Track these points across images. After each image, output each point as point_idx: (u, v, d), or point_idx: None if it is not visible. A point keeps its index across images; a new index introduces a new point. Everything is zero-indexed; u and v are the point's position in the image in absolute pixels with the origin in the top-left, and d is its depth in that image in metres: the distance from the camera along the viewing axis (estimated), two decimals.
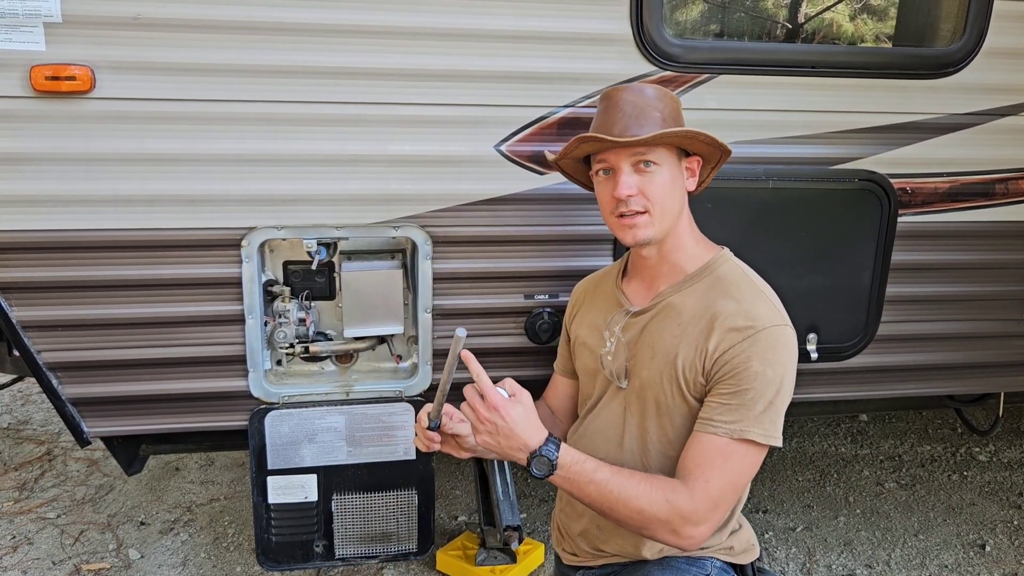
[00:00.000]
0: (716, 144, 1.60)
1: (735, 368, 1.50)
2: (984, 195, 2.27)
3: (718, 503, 1.50)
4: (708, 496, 1.49)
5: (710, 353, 1.53)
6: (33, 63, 1.79)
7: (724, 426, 1.49)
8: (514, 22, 1.95)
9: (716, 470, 1.49)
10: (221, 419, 2.16)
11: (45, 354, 2.00)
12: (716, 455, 1.50)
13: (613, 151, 1.58)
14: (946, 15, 2.24)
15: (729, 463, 1.49)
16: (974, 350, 2.44)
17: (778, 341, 1.51)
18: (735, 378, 1.50)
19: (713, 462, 1.50)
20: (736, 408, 1.49)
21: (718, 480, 1.49)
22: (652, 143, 1.54)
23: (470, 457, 1.74)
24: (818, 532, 3.13)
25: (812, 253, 2.22)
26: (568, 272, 2.11)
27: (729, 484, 1.51)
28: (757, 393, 1.48)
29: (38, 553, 2.92)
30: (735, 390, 1.50)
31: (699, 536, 1.50)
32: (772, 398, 1.49)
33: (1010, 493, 3.45)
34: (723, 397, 1.51)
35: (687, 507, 1.48)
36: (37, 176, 1.87)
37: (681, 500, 1.48)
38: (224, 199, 1.96)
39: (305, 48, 1.89)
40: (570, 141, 1.62)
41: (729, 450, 1.49)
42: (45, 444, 3.83)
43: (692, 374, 1.55)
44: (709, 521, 1.50)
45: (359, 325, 2.13)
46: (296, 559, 2.24)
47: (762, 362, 1.49)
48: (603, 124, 1.60)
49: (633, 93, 1.61)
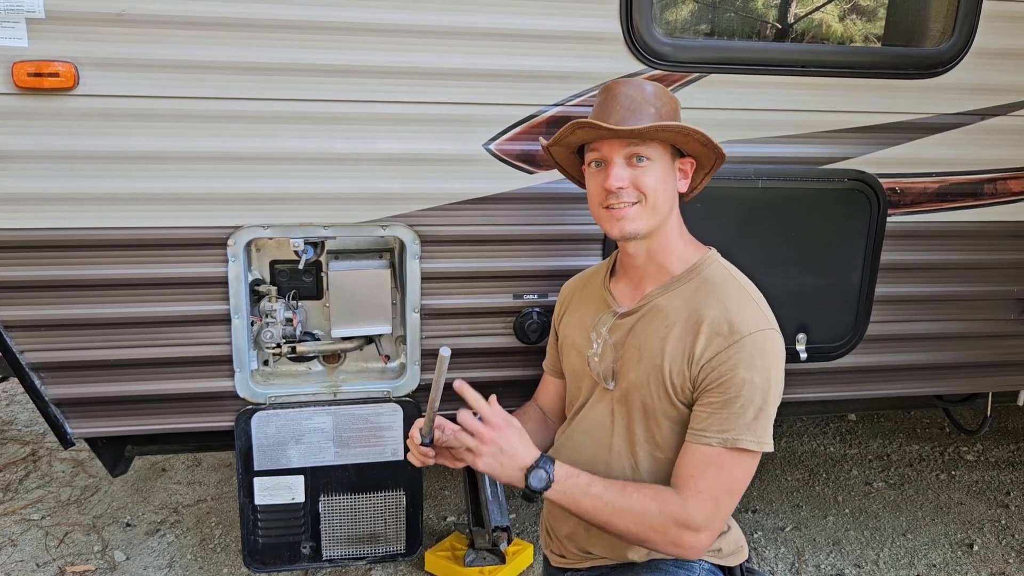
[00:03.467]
0: (711, 145, 1.59)
1: (722, 376, 1.49)
2: (973, 195, 2.28)
3: (715, 511, 1.50)
4: (702, 505, 1.48)
5: (697, 358, 1.52)
6: (15, 59, 1.76)
7: (716, 436, 1.49)
8: (503, 20, 1.94)
9: (709, 480, 1.49)
10: (207, 420, 2.14)
11: (28, 354, 1.98)
12: (709, 465, 1.49)
13: (607, 143, 1.57)
14: (935, 15, 2.24)
15: (723, 472, 1.49)
16: (963, 350, 2.45)
17: (764, 346, 1.51)
18: (723, 387, 1.49)
19: (706, 472, 1.49)
20: (726, 417, 1.48)
21: (712, 489, 1.49)
22: (647, 135, 1.54)
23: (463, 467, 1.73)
24: (807, 532, 3.13)
25: (801, 253, 2.22)
26: (557, 272, 2.10)
27: (725, 492, 1.50)
28: (746, 400, 1.48)
29: (22, 555, 2.89)
30: (724, 399, 1.49)
31: (699, 545, 1.50)
32: (761, 404, 1.49)
33: (998, 492, 3.46)
34: (712, 407, 1.50)
35: (682, 516, 1.48)
36: (19, 174, 1.84)
37: (675, 510, 1.48)
38: (210, 198, 1.94)
39: (292, 45, 1.87)
40: (565, 127, 1.61)
41: (722, 459, 1.49)
42: (30, 445, 3.80)
43: (680, 379, 1.55)
44: (708, 529, 1.50)
45: (347, 325, 2.11)
46: (283, 561, 2.22)
47: (749, 369, 1.48)
48: (600, 115, 1.59)
49: (632, 87, 1.60)
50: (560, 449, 1.78)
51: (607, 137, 1.56)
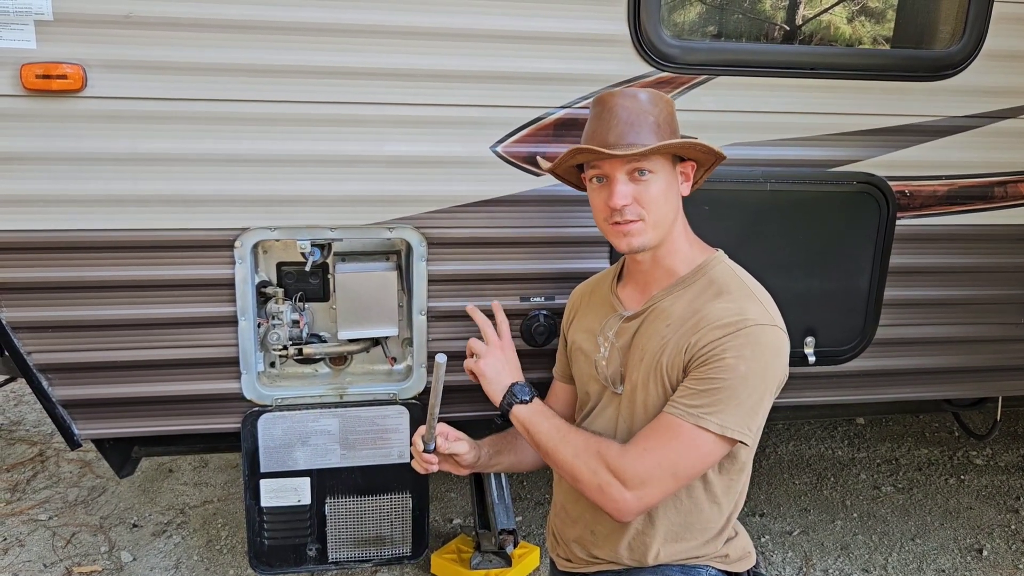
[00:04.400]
0: (712, 152, 1.59)
1: (709, 359, 1.49)
2: (983, 198, 2.26)
3: (650, 475, 1.48)
4: (641, 462, 1.49)
5: (691, 347, 1.52)
6: (24, 61, 1.77)
7: (683, 409, 1.48)
8: (511, 22, 1.94)
9: (659, 443, 1.49)
10: (214, 421, 2.14)
11: (35, 355, 1.98)
12: (665, 431, 1.49)
13: (609, 161, 1.56)
14: (945, 17, 2.23)
15: (674, 443, 1.48)
16: (972, 354, 2.43)
17: (760, 339, 1.49)
18: (706, 367, 1.49)
19: (660, 435, 1.49)
20: (700, 394, 1.48)
21: (656, 453, 1.48)
22: (648, 155, 1.53)
23: (469, 473, 1.74)
24: (815, 536, 3.12)
25: (810, 256, 2.21)
26: (564, 274, 2.10)
27: (667, 462, 1.48)
28: (725, 384, 1.46)
29: (29, 555, 2.90)
30: (703, 378, 1.49)
31: (624, 501, 1.49)
32: (741, 394, 1.47)
33: (1007, 497, 3.44)
34: (692, 383, 1.50)
35: (616, 464, 1.50)
36: (28, 175, 1.85)
37: (613, 455, 1.51)
38: (217, 199, 1.94)
39: (300, 47, 1.87)
40: (565, 152, 1.61)
41: (680, 431, 1.48)
42: (38, 445, 3.81)
43: (674, 371, 1.54)
44: (638, 490, 1.48)
45: (353, 327, 2.11)
46: (289, 563, 2.22)
47: (736, 357, 1.47)
48: (597, 131, 1.58)
49: (627, 99, 1.59)
50: None
51: (608, 159, 1.56)
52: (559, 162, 1.66)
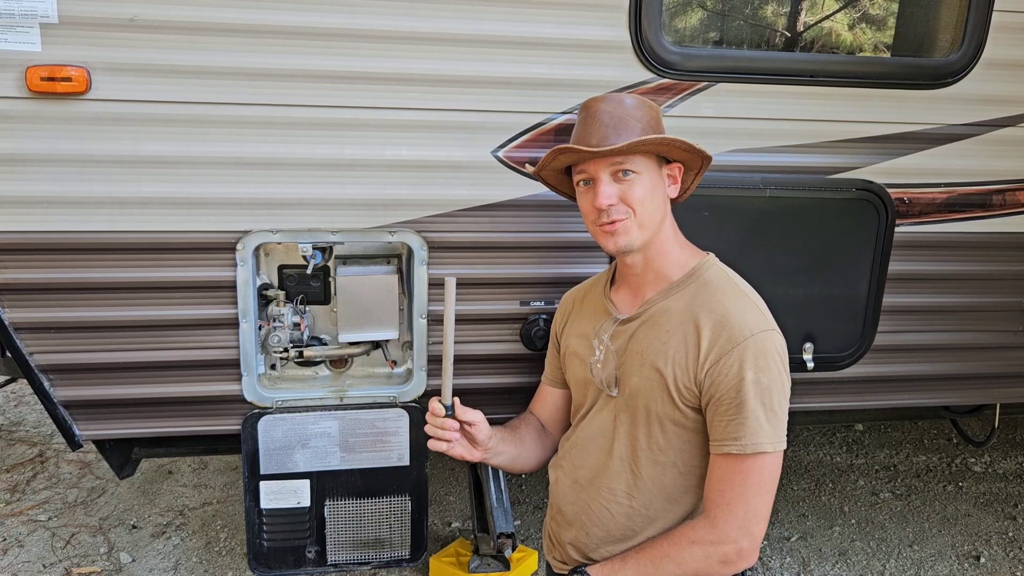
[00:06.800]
0: (694, 150, 1.60)
1: (729, 383, 1.50)
2: (981, 206, 2.27)
3: (746, 517, 1.50)
4: (733, 516, 1.50)
5: (701, 362, 1.53)
6: (29, 64, 1.78)
7: (734, 444, 1.50)
8: (513, 28, 1.95)
9: (736, 490, 1.50)
10: (214, 423, 2.15)
11: (37, 356, 1.99)
12: (734, 475, 1.51)
13: (592, 162, 1.58)
14: (944, 25, 2.24)
15: (748, 481, 1.50)
16: (970, 361, 2.44)
17: (766, 347, 1.51)
18: (731, 393, 1.50)
19: (732, 483, 1.51)
20: (741, 423, 1.49)
21: (739, 502, 1.50)
22: (627, 152, 1.55)
23: (481, 459, 1.73)
24: (813, 542, 3.12)
25: (809, 262, 2.21)
26: (564, 279, 2.10)
27: (752, 501, 1.51)
28: (756, 403, 1.48)
29: (29, 556, 2.90)
30: (735, 403, 1.50)
31: (746, 552, 1.52)
32: (771, 404, 1.50)
33: (1005, 504, 3.44)
34: (726, 416, 1.51)
35: (717, 539, 1.50)
36: (31, 177, 1.86)
37: (709, 537, 1.51)
38: (219, 202, 1.95)
39: (302, 52, 1.88)
40: (547, 153, 1.63)
41: (746, 468, 1.50)
42: (38, 446, 3.81)
43: (685, 383, 1.55)
44: (749, 536, 1.51)
45: (354, 330, 2.12)
46: (288, 565, 2.22)
47: (755, 370, 1.49)
48: (581, 135, 1.61)
49: (611, 103, 1.61)
50: (564, 455, 1.78)
51: (589, 158, 1.57)
52: (542, 164, 1.68)
